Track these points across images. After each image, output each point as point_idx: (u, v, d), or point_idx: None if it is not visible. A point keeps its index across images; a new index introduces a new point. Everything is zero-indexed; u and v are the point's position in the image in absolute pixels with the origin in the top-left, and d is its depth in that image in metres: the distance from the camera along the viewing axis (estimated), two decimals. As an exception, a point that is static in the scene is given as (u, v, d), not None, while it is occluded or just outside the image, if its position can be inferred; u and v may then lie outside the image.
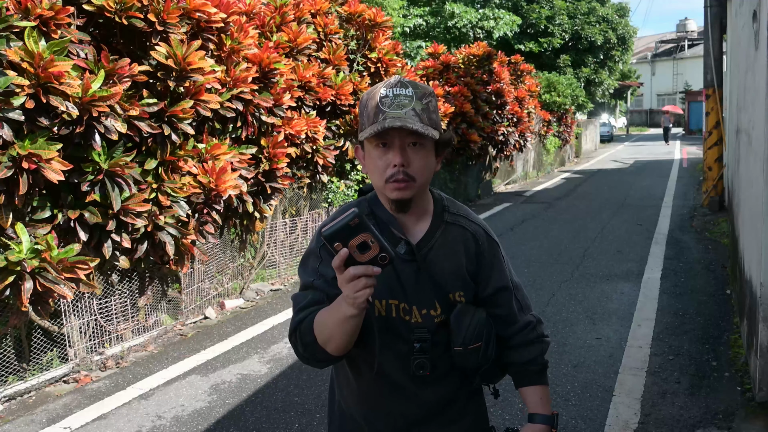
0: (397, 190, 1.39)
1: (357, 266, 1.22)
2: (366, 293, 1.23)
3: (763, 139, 3.67)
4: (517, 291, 1.58)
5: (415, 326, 1.46)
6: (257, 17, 5.97)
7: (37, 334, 4.21)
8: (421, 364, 1.46)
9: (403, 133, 1.37)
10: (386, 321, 1.46)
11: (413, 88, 1.40)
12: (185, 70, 4.23)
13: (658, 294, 5.90)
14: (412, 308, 1.46)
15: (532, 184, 15.97)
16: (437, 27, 18.39)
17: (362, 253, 1.22)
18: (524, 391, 1.59)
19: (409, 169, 1.38)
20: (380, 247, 1.22)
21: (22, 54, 3.35)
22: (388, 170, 1.39)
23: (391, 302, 1.46)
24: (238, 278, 6.19)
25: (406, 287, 1.46)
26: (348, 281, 1.22)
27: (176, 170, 4.38)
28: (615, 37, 24.48)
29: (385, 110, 1.36)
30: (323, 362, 1.45)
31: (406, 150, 1.39)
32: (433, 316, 1.47)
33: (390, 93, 1.38)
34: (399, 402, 1.51)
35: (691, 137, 34.83)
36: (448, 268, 1.48)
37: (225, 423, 3.65)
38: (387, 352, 1.47)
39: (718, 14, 9.79)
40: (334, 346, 1.37)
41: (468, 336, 1.45)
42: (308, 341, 1.40)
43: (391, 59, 7.92)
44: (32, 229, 3.56)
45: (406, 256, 1.45)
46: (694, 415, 3.59)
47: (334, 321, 1.33)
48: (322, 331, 1.37)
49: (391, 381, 1.49)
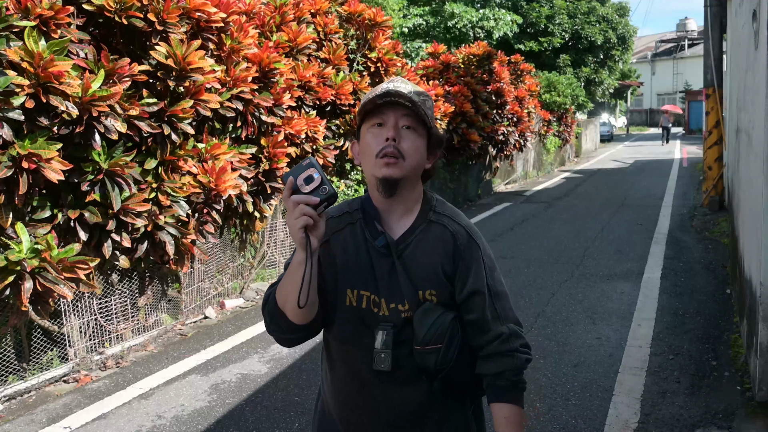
0: (386, 166, 1.44)
1: (299, 195, 1.33)
2: (302, 220, 1.31)
3: (763, 138, 3.67)
4: (496, 298, 1.50)
5: (382, 319, 1.48)
6: (257, 17, 5.97)
7: (37, 334, 4.21)
8: (382, 359, 1.46)
9: (398, 113, 1.45)
10: (357, 311, 1.49)
11: (411, 86, 1.50)
12: (185, 69, 4.23)
13: (658, 294, 5.90)
14: (381, 300, 1.48)
15: (532, 183, 15.97)
16: (437, 27, 18.38)
17: (306, 185, 1.34)
18: (492, 407, 1.50)
19: (400, 146, 1.45)
20: (321, 180, 1.34)
21: (21, 54, 3.35)
22: (380, 145, 1.45)
23: (363, 293, 1.49)
24: (238, 278, 6.19)
25: (378, 280, 1.49)
26: (290, 209, 1.32)
27: (176, 170, 4.38)
28: (615, 37, 24.46)
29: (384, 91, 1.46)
30: (288, 333, 1.49)
31: (400, 130, 1.46)
32: (401, 311, 1.47)
33: (391, 85, 1.48)
34: (368, 400, 1.52)
35: (691, 137, 34.81)
36: (423, 266, 1.49)
37: (225, 423, 3.65)
38: (357, 344, 1.50)
39: (718, 14, 9.79)
40: (290, 306, 1.41)
41: (429, 335, 1.43)
42: (271, 309, 1.48)
43: (391, 59, 7.92)
44: (32, 228, 3.56)
45: (383, 250, 1.49)
46: (694, 414, 3.59)
47: (288, 275, 1.40)
48: (281, 291, 1.44)
49: (360, 377, 1.51)
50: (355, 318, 1.49)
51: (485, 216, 10.76)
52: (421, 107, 1.45)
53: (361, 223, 1.53)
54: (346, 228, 1.54)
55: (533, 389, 3.95)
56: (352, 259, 1.51)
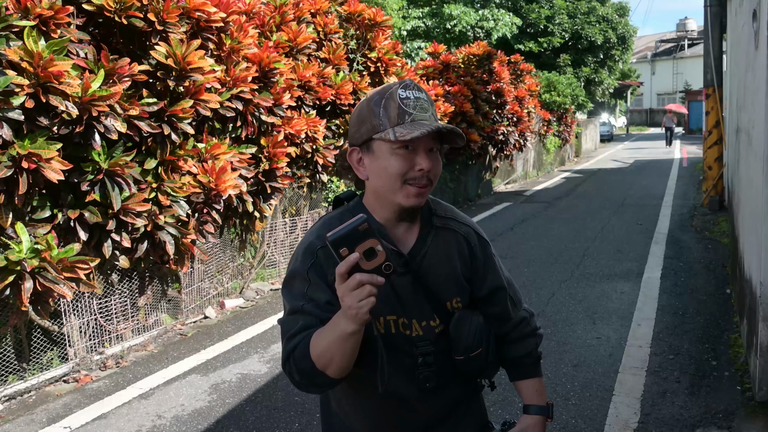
0: (416, 196, 1.36)
1: (363, 273, 1.15)
2: (370, 302, 1.16)
3: (763, 138, 3.67)
4: (510, 288, 1.58)
5: (417, 339, 1.43)
6: (257, 17, 5.97)
7: (37, 334, 4.21)
8: (427, 377, 1.42)
9: (428, 138, 1.35)
10: (387, 338, 1.40)
11: (425, 93, 1.40)
12: (185, 69, 4.23)
13: (658, 293, 5.89)
14: (411, 322, 1.42)
15: (532, 183, 15.96)
16: (436, 28, 18.38)
17: (368, 260, 1.16)
18: (520, 384, 1.61)
19: (431, 174, 1.37)
20: (386, 255, 1.17)
21: (21, 53, 3.35)
22: (410, 173, 1.35)
23: (389, 318, 1.41)
24: (238, 278, 6.19)
25: (403, 300, 1.41)
26: (352, 289, 1.15)
27: (176, 170, 4.38)
28: (615, 37, 24.46)
29: (411, 112, 1.34)
30: (322, 387, 1.36)
31: (428, 155, 1.37)
32: (433, 326, 1.44)
33: (411, 95, 1.36)
34: (406, 416, 1.48)
35: (691, 136, 34.79)
36: (443, 275, 1.45)
37: (225, 422, 3.65)
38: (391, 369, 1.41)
39: (718, 14, 9.79)
40: (334, 368, 1.29)
41: (469, 344, 1.43)
42: (304, 367, 1.31)
43: (391, 59, 7.92)
44: (32, 228, 3.56)
45: (401, 269, 1.40)
46: (694, 414, 3.59)
47: (332, 341, 1.25)
48: (321, 354, 1.28)
49: (397, 397, 1.45)
50: (386, 345, 1.38)
51: (485, 216, 10.76)
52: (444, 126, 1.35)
53: None
54: None
55: (533, 389, 3.95)
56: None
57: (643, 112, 52.83)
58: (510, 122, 13.36)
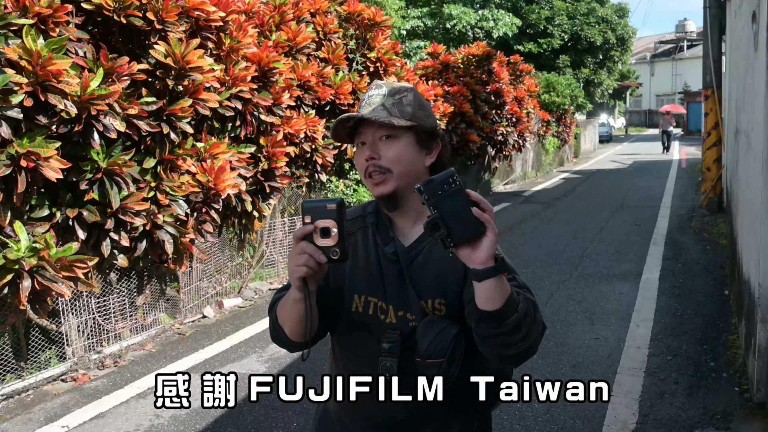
0: (375, 186, 1.43)
1: (310, 244, 1.26)
2: (302, 271, 1.26)
3: (762, 140, 3.67)
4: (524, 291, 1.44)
5: (388, 326, 1.45)
6: (256, 16, 5.96)
7: (35, 333, 4.20)
8: (387, 366, 1.41)
9: (372, 128, 1.43)
10: (362, 317, 1.47)
11: (387, 86, 1.46)
12: (184, 68, 4.23)
13: (656, 294, 5.90)
14: (389, 308, 1.45)
15: (530, 184, 15.97)
16: (435, 29, 18.37)
17: (322, 237, 1.25)
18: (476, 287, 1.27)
19: (381, 161, 1.42)
20: (338, 240, 1.25)
21: (20, 52, 3.34)
22: (363, 165, 1.44)
23: (370, 299, 1.47)
24: (236, 277, 6.19)
25: (387, 286, 1.46)
26: (295, 254, 1.26)
27: (175, 169, 4.38)
28: (614, 38, 24.48)
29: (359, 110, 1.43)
30: (287, 345, 1.49)
31: (378, 143, 1.43)
32: (409, 319, 1.44)
33: (366, 95, 1.46)
34: (369, 404, 1.47)
35: (690, 138, 34.79)
36: (432, 275, 1.44)
37: (223, 422, 3.64)
38: (360, 351, 1.48)
39: (717, 15, 9.80)
40: (288, 329, 1.42)
41: (431, 349, 1.37)
42: (274, 322, 1.48)
43: (390, 59, 7.91)
44: (31, 227, 3.55)
45: (393, 257, 1.46)
46: (692, 415, 3.59)
47: (287, 303, 1.38)
48: (281, 312, 1.43)
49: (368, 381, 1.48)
50: (359, 324, 1.47)
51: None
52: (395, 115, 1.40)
53: (372, 227, 1.51)
54: (358, 232, 1.52)
55: (531, 390, 3.95)
56: (361, 265, 1.48)
57: (642, 113, 52.85)
58: (509, 123, 13.36)
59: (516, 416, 3.62)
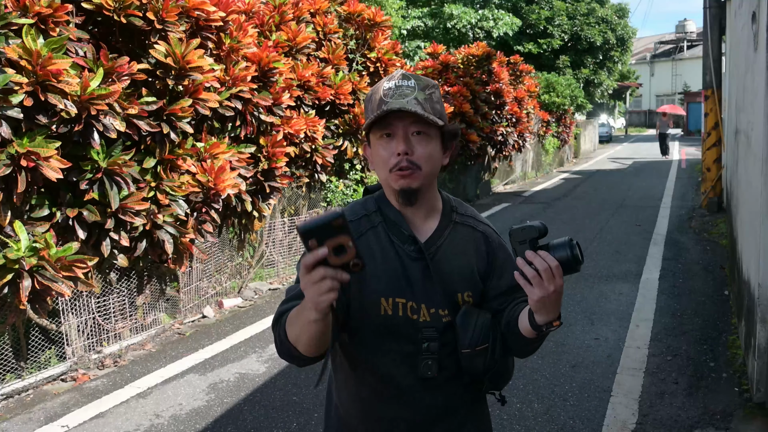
0: (402, 179, 1.39)
1: (327, 268, 1.14)
2: (329, 297, 1.14)
3: (762, 140, 3.67)
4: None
5: (423, 325, 1.42)
6: (256, 16, 5.96)
7: (35, 333, 4.21)
8: (429, 366, 1.42)
9: (406, 121, 1.38)
10: (391, 320, 1.41)
11: (416, 80, 1.41)
12: (184, 68, 4.23)
13: (656, 295, 5.90)
14: (420, 306, 1.43)
15: (530, 184, 15.97)
16: (435, 29, 18.37)
17: (336, 256, 1.14)
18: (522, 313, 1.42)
19: (413, 156, 1.38)
20: (355, 253, 1.15)
21: (20, 51, 3.34)
22: (392, 159, 1.39)
23: (398, 300, 1.42)
24: (236, 277, 6.19)
25: (414, 285, 1.43)
26: (314, 282, 1.14)
27: (175, 169, 4.38)
28: (614, 38, 24.49)
29: (387, 101, 1.37)
30: (297, 360, 1.36)
31: (410, 138, 1.39)
32: (442, 315, 1.44)
33: (393, 85, 1.40)
34: (403, 407, 1.46)
35: (690, 138, 34.76)
36: (456, 268, 1.46)
37: (223, 422, 3.64)
38: (391, 353, 1.43)
39: (717, 15, 9.80)
40: (302, 347, 1.30)
41: (476, 336, 1.41)
42: (283, 338, 1.34)
43: (390, 59, 7.92)
44: (31, 227, 3.55)
45: (415, 254, 1.43)
46: (691, 415, 3.59)
47: (300, 323, 1.27)
48: (292, 331, 1.31)
49: (396, 384, 1.44)
50: (389, 327, 1.42)
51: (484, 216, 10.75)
52: (428, 112, 1.37)
53: (383, 226, 1.46)
54: (368, 232, 1.46)
55: (531, 389, 3.95)
56: (381, 266, 1.43)
57: (642, 114, 52.82)
58: (509, 123, 13.36)
59: (516, 416, 3.62)
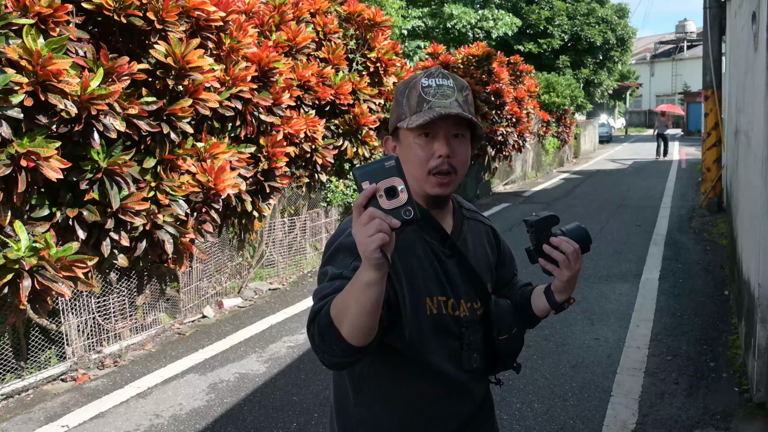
0: (439, 186, 1.37)
1: (377, 209, 1.08)
2: (378, 239, 1.05)
3: (762, 140, 3.67)
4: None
5: (465, 320, 1.45)
6: (256, 16, 5.96)
7: (35, 333, 4.21)
8: (475, 358, 1.45)
9: (449, 123, 1.35)
10: (438, 318, 1.41)
11: (453, 79, 1.39)
12: (184, 68, 4.23)
13: (656, 295, 5.90)
14: (460, 302, 1.45)
15: (530, 184, 15.97)
16: (435, 29, 18.37)
17: (388, 199, 1.09)
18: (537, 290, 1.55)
19: (454, 160, 1.37)
20: (408, 199, 1.09)
21: (20, 51, 3.34)
22: (431, 161, 1.36)
23: (440, 299, 1.42)
24: (236, 277, 6.19)
25: (452, 282, 1.44)
26: (364, 224, 1.06)
27: (175, 169, 4.38)
28: (614, 38, 24.49)
29: (429, 99, 1.35)
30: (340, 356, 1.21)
31: (451, 140, 1.37)
32: (476, 308, 1.48)
33: (432, 83, 1.37)
34: (456, 403, 1.46)
35: (690, 138, 34.75)
36: (481, 261, 1.52)
37: (223, 422, 3.64)
38: (439, 351, 1.42)
39: (717, 15, 9.80)
40: (348, 324, 1.15)
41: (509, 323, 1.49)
42: (324, 325, 1.19)
43: (391, 59, 7.91)
44: (31, 227, 3.55)
45: (447, 251, 1.45)
46: (692, 415, 3.59)
47: (351, 291, 1.14)
48: (339, 306, 1.17)
49: (448, 381, 1.44)
50: (436, 325, 1.41)
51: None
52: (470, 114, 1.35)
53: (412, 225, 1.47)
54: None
55: (531, 389, 3.95)
56: (418, 265, 1.40)
57: (641, 114, 52.81)
58: (509, 123, 13.36)
59: (516, 416, 3.62)
